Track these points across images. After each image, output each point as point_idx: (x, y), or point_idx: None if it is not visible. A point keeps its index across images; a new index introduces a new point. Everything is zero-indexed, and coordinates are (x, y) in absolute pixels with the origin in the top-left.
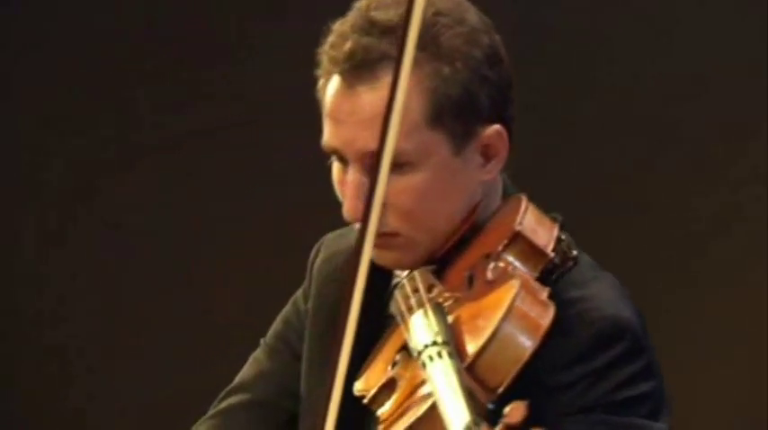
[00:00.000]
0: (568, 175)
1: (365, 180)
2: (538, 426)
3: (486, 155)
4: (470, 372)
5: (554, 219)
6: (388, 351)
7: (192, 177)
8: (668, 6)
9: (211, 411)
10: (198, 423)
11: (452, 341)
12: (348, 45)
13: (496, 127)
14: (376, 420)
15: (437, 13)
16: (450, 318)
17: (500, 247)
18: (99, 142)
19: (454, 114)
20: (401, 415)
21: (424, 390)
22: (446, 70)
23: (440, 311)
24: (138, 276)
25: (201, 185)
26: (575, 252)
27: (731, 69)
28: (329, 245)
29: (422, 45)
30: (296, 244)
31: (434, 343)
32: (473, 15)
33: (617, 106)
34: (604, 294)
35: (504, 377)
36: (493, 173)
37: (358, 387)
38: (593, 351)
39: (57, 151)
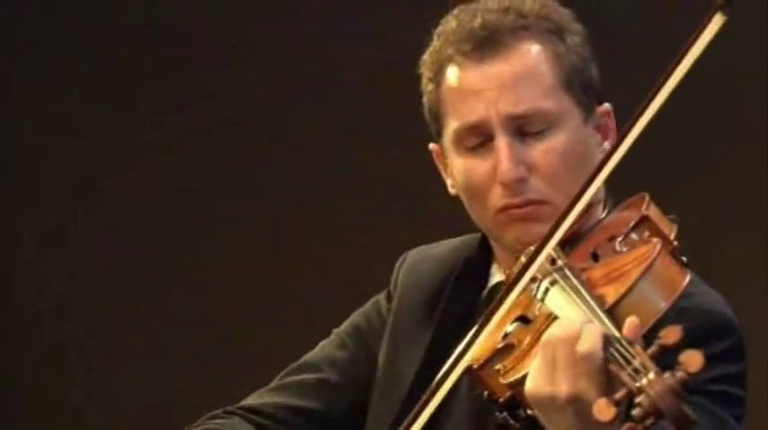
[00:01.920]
0: None
1: (516, 143)
2: (692, 348)
3: (601, 133)
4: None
5: (672, 220)
6: (496, 327)
7: (192, 177)
8: (667, 5)
9: (276, 383)
10: (262, 391)
11: (590, 295)
12: (478, 21)
13: (607, 105)
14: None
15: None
16: (583, 277)
17: (627, 229)
18: (99, 142)
19: (580, 83)
20: (528, 357)
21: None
22: (568, 40)
23: (570, 268)
24: (138, 276)
25: (201, 185)
26: (684, 258)
27: (731, 69)
28: (415, 254)
29: (539, 17)
30: (296, 244)
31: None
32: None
33: (615, 106)
34: (715, 296)
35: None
36: None
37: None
38: (705, 337)
39: (57, 151)
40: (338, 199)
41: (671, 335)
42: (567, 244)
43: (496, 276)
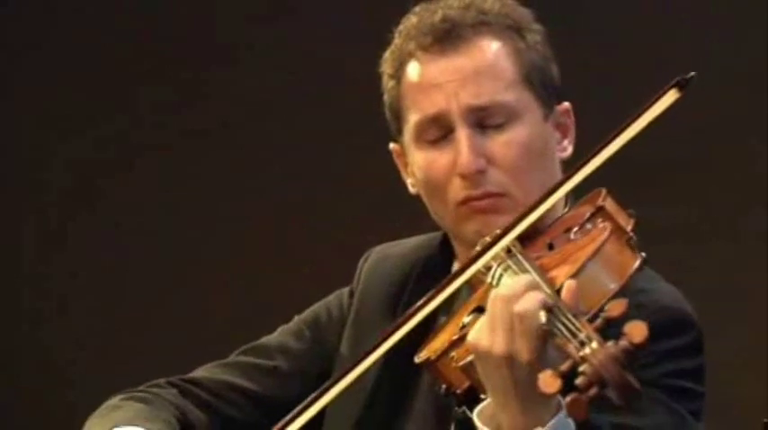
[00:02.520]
0: None
1: (476, 135)
2: (636, 320)
3: (561, 131)
4: None
5: (630, 214)
6: (454, 320)
7: (192, 177)
8: (666, 5)
9: (229, 360)
10: (213, 365)
11: (540, 277)
12: (439, 16)
13: (566, 104)
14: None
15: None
16: (536, 263)
17: (582, 220)
18: (99, 142)
19: (540, 80)
20: None
21: None
22: (528, 38)
23: (523, 254)
24: (138, 276)
25: (201, 185)
26: (643, 253)
27: (731, 69)
28: (378, 252)
29: (500, 14)
30: (295, 244)
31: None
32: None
33: (612, 106)
34: (673, 292)
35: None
36: (567, 151)
37: (421, 355)
38: (661, 333)
39: (57, 151)
40: (338, 199)
41: (616, 307)
42: (525, 239)
43: None
